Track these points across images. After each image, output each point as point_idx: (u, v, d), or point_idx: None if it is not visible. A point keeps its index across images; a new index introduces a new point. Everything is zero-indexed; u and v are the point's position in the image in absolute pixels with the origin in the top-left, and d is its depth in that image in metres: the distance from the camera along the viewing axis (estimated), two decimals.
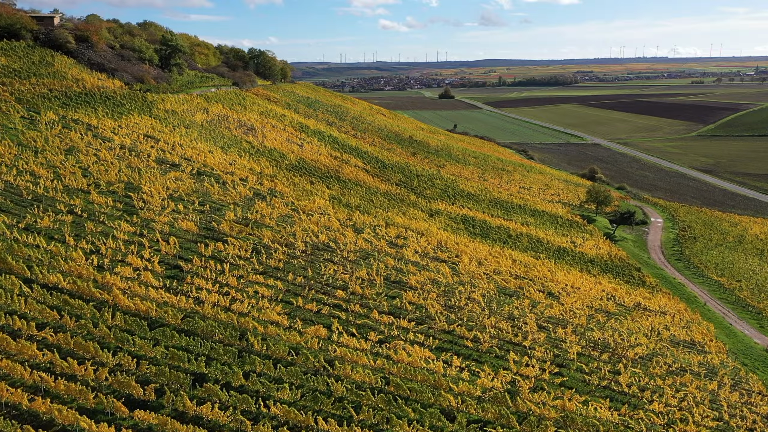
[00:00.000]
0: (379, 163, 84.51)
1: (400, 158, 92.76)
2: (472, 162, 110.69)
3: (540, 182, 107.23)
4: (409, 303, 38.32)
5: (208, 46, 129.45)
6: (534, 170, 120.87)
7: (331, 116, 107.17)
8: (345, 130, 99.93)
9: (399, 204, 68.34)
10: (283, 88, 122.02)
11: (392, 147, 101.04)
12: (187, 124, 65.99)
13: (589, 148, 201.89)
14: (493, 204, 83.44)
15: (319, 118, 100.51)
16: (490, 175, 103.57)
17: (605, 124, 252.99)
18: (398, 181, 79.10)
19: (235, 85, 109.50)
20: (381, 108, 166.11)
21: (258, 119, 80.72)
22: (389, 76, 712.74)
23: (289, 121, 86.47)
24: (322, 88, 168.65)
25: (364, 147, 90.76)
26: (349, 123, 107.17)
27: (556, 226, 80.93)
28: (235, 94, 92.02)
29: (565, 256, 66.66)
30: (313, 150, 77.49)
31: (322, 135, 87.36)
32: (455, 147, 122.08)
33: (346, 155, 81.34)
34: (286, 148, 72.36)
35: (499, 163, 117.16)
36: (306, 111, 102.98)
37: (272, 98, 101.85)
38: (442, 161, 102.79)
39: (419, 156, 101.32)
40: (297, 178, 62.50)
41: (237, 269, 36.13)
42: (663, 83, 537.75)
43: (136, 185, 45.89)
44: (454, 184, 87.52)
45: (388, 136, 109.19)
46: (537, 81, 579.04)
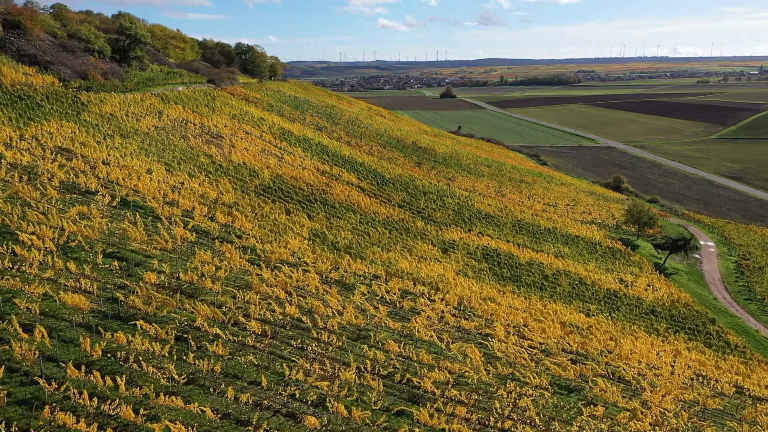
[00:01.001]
0: (378, 178, 68.53)
1: (403, 170, 76.78)
2: (486, 172, 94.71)
3: (565, 196, 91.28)
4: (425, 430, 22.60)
5: (185, 39, 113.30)
6: (554, 180, 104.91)
7: (321, 119, 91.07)
8: (338, 136, 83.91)
9: (403, 236, 52.39)
10: (269, 87, 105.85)
11: (393, 156, 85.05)
12: (126, 132, 49.92)
13: (604, 151, 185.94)
14: (518, 228, 67.53)
15: (306, 122, 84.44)
16: (507, 188, 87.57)
17: (617, 125, 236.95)
18: (401, 202, 63.12)
19: (211, 83, 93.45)
20: (380, 108, 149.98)
21: (228, 124, 64.68)
22: (389, 76, 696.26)
23: (268, 127, 70.43)
24: (315, 86, 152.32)
25: (360, 157, 74.75)
26: (342, 127, 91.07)
27: (596, 256, 65.05)
28: (204, 93, 76.01)
29: (619, 304, 50.76)
30: (296, 163, 61.51)
31: (308, 143, 71.39)
32: (464, 154, 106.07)
33: (337, 169, 65.32)
34: (259, 162, 56.37)
35: (515, 173, 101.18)
36: (292, 113, 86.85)
37: (252, 98, 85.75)
38: (452, 172, 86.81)
39: (425, 166, 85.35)
40: (268, 205, 46.47)
41: (140, 380, 20.31)
42: (668, 83, 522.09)
43: (12, 229, 30.03)
44: (469, 202, 71.60)
45: (388, 142, 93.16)
46: (539, 80, 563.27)
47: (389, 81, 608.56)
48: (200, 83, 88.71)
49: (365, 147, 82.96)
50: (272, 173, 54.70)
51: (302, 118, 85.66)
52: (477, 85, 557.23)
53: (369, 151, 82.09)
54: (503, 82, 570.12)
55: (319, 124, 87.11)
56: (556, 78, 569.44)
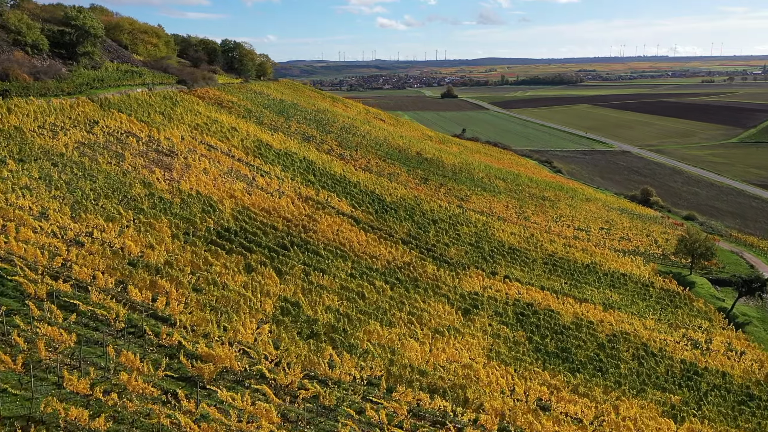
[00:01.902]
0: (376, 203, 54.57)
1: (407, 190, 62.73)
2: (502, 187, 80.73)
3: (595, 216, 77.34)
4: None
5: (158, 34, 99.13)
6: (578, 195, 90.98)
7: (310, 127, 76.90)
8: (328, 148, 69.84)
9: (410, 292, 38.40)
10: (251, 89, 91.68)
11: (395, 170, 70.97)
12: (29, 154, 35.86)
13: (619, 156, 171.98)
14: (551, 265, 53.62)
15: (291, 132, 70.28)
16: (529, 208, 73.60)
17: (628, 127, 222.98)
18: (406, 236, 49.12)
19: (182, 84, 79.35)
20: (379, 111, 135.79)
21: (187, 138, 50.67)
22: (388, 75, 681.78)
23: (240, 139, 56.40)
24: (307, 87, 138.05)
25: (355, 175, 60.69)
26: (335, 136, 76.94)
27: (651, 303, 51.16)
28: (164, 97, 61.93)
29: (702, 386, 36.90)
30: (271, 188, 47.49)
31: (291, 159, 57.36)
32: (475, 164, 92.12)
33: (324, 193, 51.29)
34: (220, 189, 42.35)
35: (533, 187, 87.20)
36: (274, 121, 72.67)
37: (226, 103, 71.55)
38: (464, 189, 72.80)
39: (432, 182, 71.34)
40: (222, 259, 32.48)
41: None
42: (672, 82, 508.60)
43: None
44: (488, 230, 57.67)
45: (388, 153, 79.08)
46: (541, 80, 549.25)
47: (388, 80, 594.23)
48: (167, 84, 74.64)
49: (361, 161, 68.88)
50: (236, 206, 40.67)
51: (286, 127, 71.46)
52: (478, 84, 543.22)
53: (366, 165, 68.02)
54: (504, 81, 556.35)
55: (306, 133, 72.90)
56: (558, 77, 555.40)
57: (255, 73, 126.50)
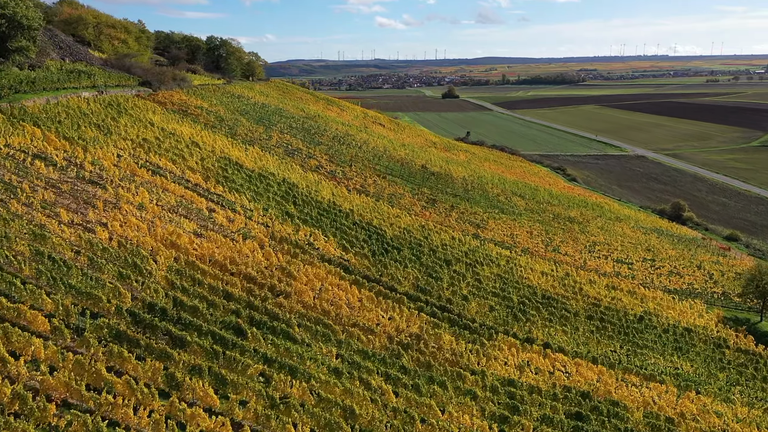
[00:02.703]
0: (374, 239, 42.40)
1: (412, 218, 50.46)
2: (521, 206, 68.52)
3: (631, 240, 65.16)
4: None
5: (127, 29, 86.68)
6: (606, 213, 78.78)
7: (296, 138, 64.46)
8: (316, 164, 57.53)
9: (421, 393, 26.23)
10: (230, 91, 79.25)
11: (396, 190, 58.71)
12: None
13: (634, 162, 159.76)
14: (597, 321, 41.44)
15: (271, 145, 57.84)
16: (556, 233, 61.41)
17: (640, 129, 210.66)
18: (413, 288, 36.95)
19: (146, 86, 67.04)
20: (378, 114, 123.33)
21: (126, 159, 38.45)
22: (387, 74, 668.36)
23: (201, 158, 44.06)
24: (299, 88, 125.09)
25: (347, 200, 48.43)
26: (325, 148, 64.58)
27: (733, 375, 39.06)
28: (108, 104, 49.53)
29: None
30: (234, 227, 35.30)
31: (266, 183, 45.13)
32: (488, 177, 79.88)
33: (307, 229, 39.08)
34: (158, 235, 30.14)
35: (555, 204, 75.00)
36: (251, 131, 60.25)
37: (193, 109, 59.17)
38: (479, 212, 60.57)
39: (442, 204, 59.12)
40: (129, 366, 20.39)
41: None
42: (676, 81, 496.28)
43: None
44: (514, 271, 45.51)
45: (389, 167, 66.81)
46: (542, 79, 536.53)
47: (388, 80, 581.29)
48: (127, 87, 62.35)
49: (356, 179, 56.59)
50: (176, 261, 28.44)
51: (265, 138, 59.04)
52: (478, 84, 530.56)
53: (362, 185, 55.76)
54: (505, 81, 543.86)
55: (290, 145, 60.46)
56: (560, 77, 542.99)
57: (240, 73, 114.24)
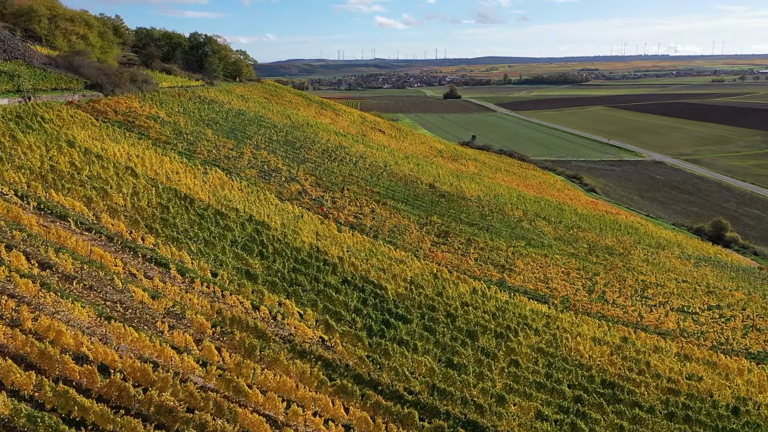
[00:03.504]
0: (371, 305, 30.31)
1: (421, 264, 38.23)
2: (549, 234, 56.33)
3: (686, 277, 52.91)
4: None
5: (88, 23, 74.29)
6: (644, 237, 66.55)
7: (275, 154, 51.89)
8: (298, 190, 44.96)
9: None
10: (200, 95, 66.80)
11: (400, 221, 46.49)
12: None
13: (652, 168, 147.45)
14: (679, 422, 29.43)
15: (241, 166, 45.01)
16: (598, 272, 49.18)
17: (653, 132, 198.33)
18: (426, 392, 24.85)
19: (95, 89, 54.81)
20: (378, 119, 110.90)
21: (12, 197, 26.50)
22: (388, 74, 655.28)
23: (133, 192, 31.33)
24: (290, 89, 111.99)
25: (335, 244, 36.15)
26: (312, 167, 52.13)
27: None
28: (16, 116, 37.48)
29: None
30: (159, 307, 23.21)
31: (224, 225, 32.68)
32: (505, 195, 67.69)
33: (274, 299, 26.88)
34: (20, 342, 18.24)
35: (586, 228, 62.83)
36: (216, 147, 47.58)
37: (143, 120, 46.58)
38: (501, 246, 48.33)
39: (456, 239, 46.95)
40: None
41: None
42: (681, 81, 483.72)
43: None
44: (559, 339, 33.51)
45: (390, 188, 54.60)
46: (544, 79, 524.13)
47: (388, 79, 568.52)
48: (67, 91, 50.15)
49: (350, 208, 44.34)
50: (39, 389, 16.29)
51: (235, 156, 46.55)
52: (480, 83, 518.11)
53: (356, 215, 43.59)
54: (507, 80, 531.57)
55: (267, 165, 47.92)
56: (562, 77, 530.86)
57: (225, 73, 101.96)
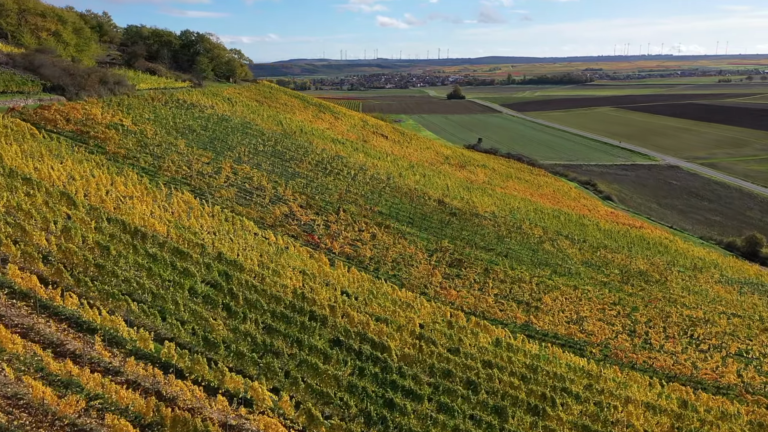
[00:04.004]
0: (369, 377, 23.08)
1: (432, 306, 30.92)
2: (575, 258, 48.87)
3: (735, 309, 45.47)
4: None
5: (62, 18, 67.05)
6: (676, 255, 59.01)
7: (260, 168, 44.23)
8: (284, 213, 37.42)
9: None
10: (180, 99, 59.41)
11: (405, 248, 39.11)
12: None
13: (667, 172, 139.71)
14: None
15: (217, 185, 37.06)
16: (636, 306, 41.76)
17: (665, 134, 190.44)
18: None
19: (56, 92, 47.63)
20: (380, 122, 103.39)
21: None
22: (390, 74, 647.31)
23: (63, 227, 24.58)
24: (285, 91, 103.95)
25: (326, 289, 28.93)
26: (303, 183, 44.52)
27: None
28: None
29: None
30: (67, 408, 16.10)
31: (182, 269, 25.47)
32: (521, 209, 60.23)
33: (238, 382, 19.77)
34: None
35: (613, 248, 55.34)
36: (186, 162, 39.99)
37: (99, 131, 38.95)
38: (524, 276, 40.89)
39: (471, 270, 39.54)
40: None
41: None
42: (687, 81, 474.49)
43: None
44: (606, 408, 26.27)
45: (394, 207, 47.19)
46: (548, 79, 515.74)
47: (391, 79, 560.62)
48: (19, 94, 42.98)
49: (346, 234, 36.98)
50: None
51: (210, 174, 38.97)
52: (483, 84, 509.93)
53: (353, 243, 36.31)
54: (510, 80, 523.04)
55: (249, 182, 40.38)
56: (567, 77, 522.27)
57: (215, 73, 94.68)
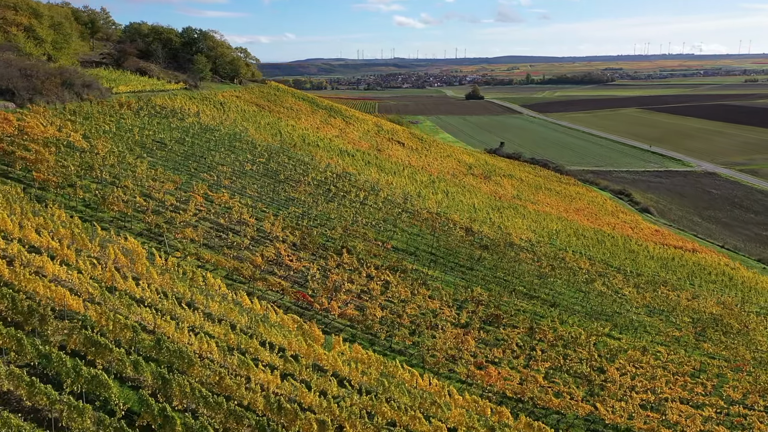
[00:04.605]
0: None
1: (462, 404, 21.92)
2: (634, 300, 39.01)
3: None
4: None
5: (37, 12, 58.97)
6: (745, 290, 48.94)
7: (245, 194, 35.10)
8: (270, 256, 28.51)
9: None
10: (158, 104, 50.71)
11: (424, 300, 30.07)
12: None
13: (705, 180, 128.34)
14: None
15: (176, 226, 28.22)
16: (725, 376, 32.14)
17: (697, 137, 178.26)
18: None
19: (4, 98, 39.36)
20: (397, 126, 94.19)
21: None
22: (407, 73, 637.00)
23: None
24: (292, 93, 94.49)
25: (315, 388, 20.12)
26: (297, 214, 35.64)
27: None
28: None
29: None
30: None
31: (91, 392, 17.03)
32: (563, 237, 50.59)
33: None
34: None
35: (675, 284, 45.40)
36: (143, 193, 31.33)
37: (34, 151, 30.57)
38: (579, 337, 31.45)
39: (512, 335, 30.39)
40: None
41: None
42: (711, 81, 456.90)
43: None
44: None
45: (411, 241, 37.86)
46: (568, 79, 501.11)
47: (407, 79, 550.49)
48: None
49: (349, 286, 27.62)
50: None
51: (172, 206, 29.43)
52: (501, 83, 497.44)
53: (356, 302, 27.09)
54: (529, 80, 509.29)
55: (226, 216, 30.90)
56: (587, 76, 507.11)
57: (219, 73, 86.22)
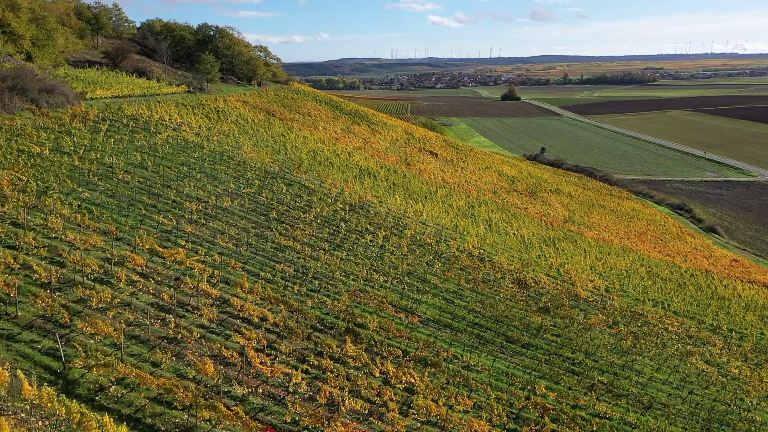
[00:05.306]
0: None
1: None
2: (753, 393, 28.93)
3: None
4: None
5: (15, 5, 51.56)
6: None
7: (211, 253, 26.25)
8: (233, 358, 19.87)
9: None
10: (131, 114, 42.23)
11: (465, 408, 20.79)
12: None
13: None
14: None
15: (88, 320, 20.11)
16: None
17: (755, 143, 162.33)
18: None
19: None
20: (429, 133, 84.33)
21: None
22: (441, 73, 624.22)
23: None
24: (314, 95, 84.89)
25: None
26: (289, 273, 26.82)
27: None
28: None
29: None
30: None
31: None
32: (634, 275, 40.04)
33: None
34: None
35: None
36: (48, 251, 23.29)
37: None
38: None
39: None
40: None
41: None
42: (761, 81, 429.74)
43: None
44: None
45: (447, 303, 28.64)
46: (607, 78, 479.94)
47: (441, 79, 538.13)
48: None
49: (352, 405, 18.90)
50: None
51: (97, 278, 21.11)
52: (538, 84, 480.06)
53: None
54: (567, 80, 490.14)
55: (177, 286, 22.28)
56: (627, 76, 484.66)
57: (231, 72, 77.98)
